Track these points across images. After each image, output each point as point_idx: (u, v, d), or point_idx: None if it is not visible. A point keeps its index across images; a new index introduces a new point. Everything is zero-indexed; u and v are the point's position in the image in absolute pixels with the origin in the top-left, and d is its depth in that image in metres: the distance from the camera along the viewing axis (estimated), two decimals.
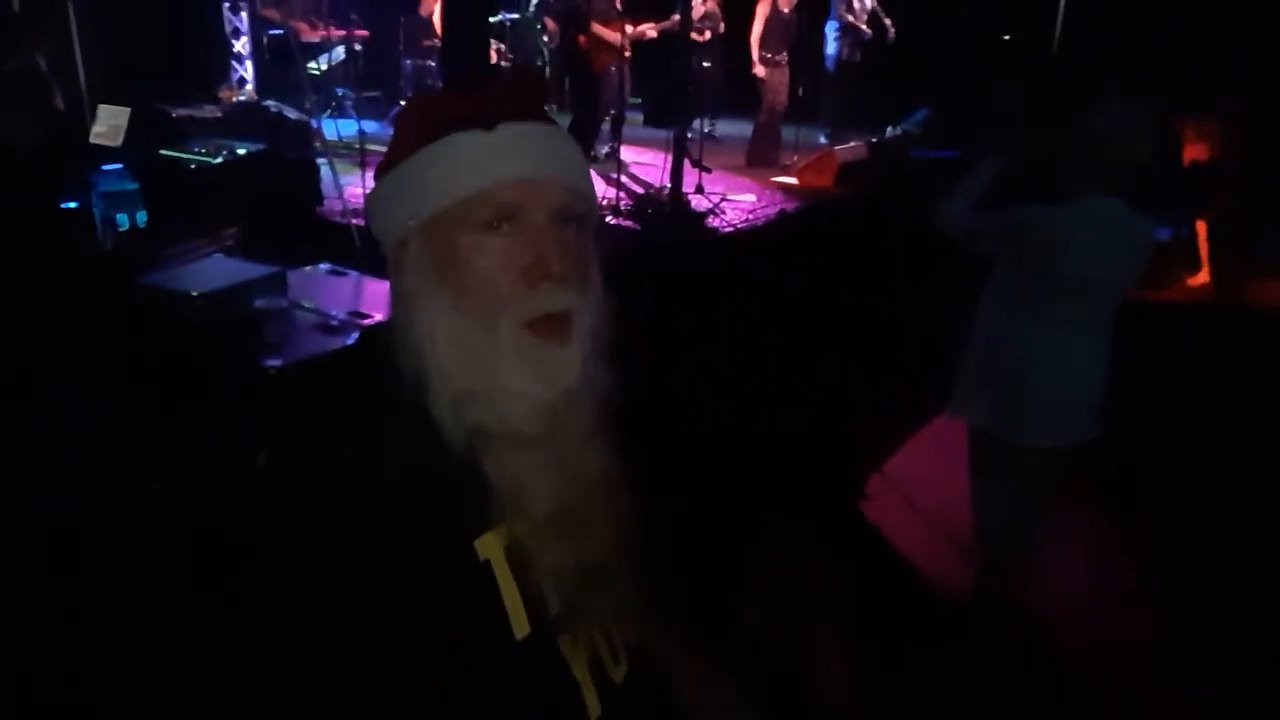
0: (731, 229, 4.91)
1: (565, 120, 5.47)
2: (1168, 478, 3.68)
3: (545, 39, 7.31)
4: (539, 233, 0.81)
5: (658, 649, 1.00)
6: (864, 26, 7.39)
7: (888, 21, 7.46)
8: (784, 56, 7.07)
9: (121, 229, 3.37)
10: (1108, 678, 2.67)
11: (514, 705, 0.80)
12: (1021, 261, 2.45)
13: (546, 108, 0.94)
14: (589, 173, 0.91)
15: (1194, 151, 5.79)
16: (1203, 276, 5.83)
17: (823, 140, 7.78)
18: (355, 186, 4.64)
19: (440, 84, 7.08)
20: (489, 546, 0.81)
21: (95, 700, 1.68)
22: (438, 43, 7.30)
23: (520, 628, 0.81)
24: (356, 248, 3.72)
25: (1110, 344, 2.48)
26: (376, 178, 0.89)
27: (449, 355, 0.80)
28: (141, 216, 3.50)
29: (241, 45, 7.40)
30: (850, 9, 7.32)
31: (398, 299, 0.85)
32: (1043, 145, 2.81)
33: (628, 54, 6.76)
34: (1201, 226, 5.78)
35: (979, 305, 2.64)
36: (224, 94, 6.92)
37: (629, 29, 6.78)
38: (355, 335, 2.49)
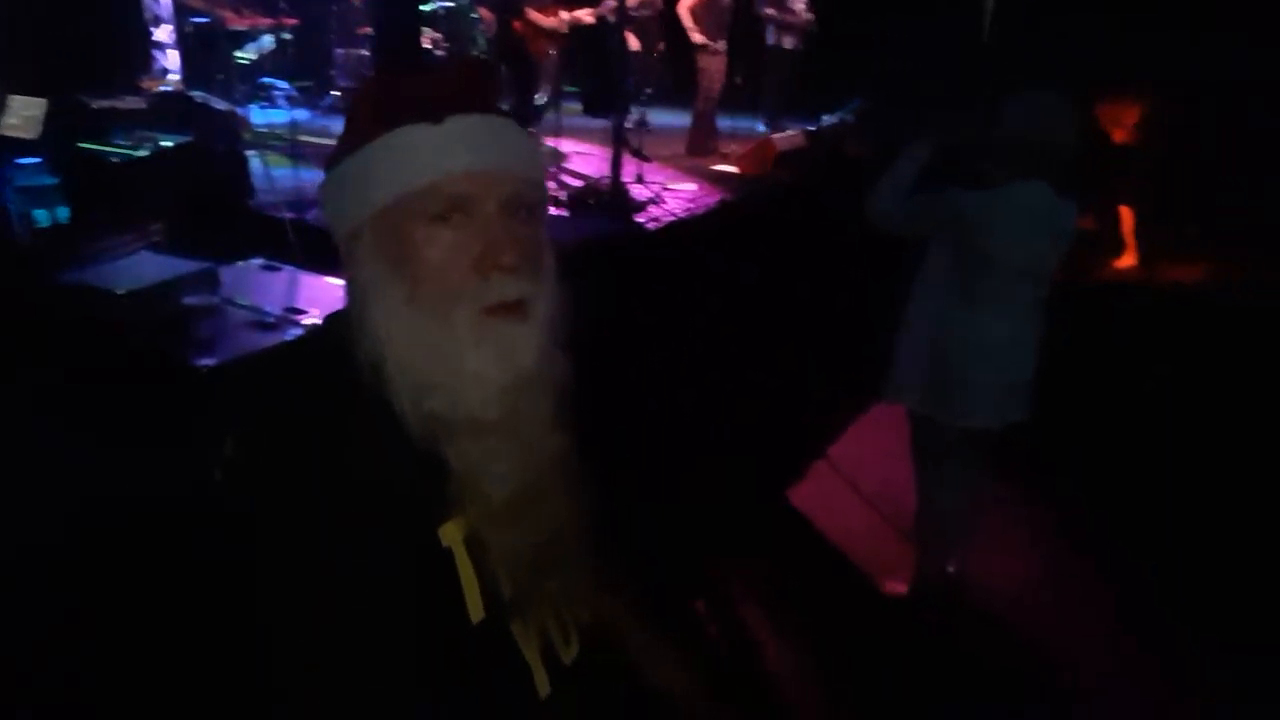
0: (673, 218, 4.91)
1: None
2: (1101, 458, 3.81)
3: (481, 26, 7.21)
4: (490, 223, 0.83)
5: (610, 629, 1.02)
6: (786, 17, 7.46)
7: (809, 16, 7.53)
8: (722, 44, 7.09)
9: (40, 226, 3.23)
10: (1049, 656, 2.75)
11: (468, 687, 0.81)
12: (951, 246, 2.51)
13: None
14: (540, 161, 0.92)
15: (1118, 137, 5.97)
16: (1128, 260, 6.03)
17: (761, 129, 7.83)
18: (288, 179, 4.52)
19: (373, 73, 6.94)
20: (450, 534, 0.82)
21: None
22: (370, 30, 7.15)
23: (476, 613, 0.83)
24: (291, 242, 3.63)
25: (1038, 324, 2.55)
26: (327, 169, 0.89)
27: (405, 346, 0.81)
28: (62, 212, 3.36)
29: (164, 33, 7.14)
30: (773, 2, 7.38)
31: (353, 290, 0.86)
32: (967, 130, 2.87)
33: (564, 41, 6.72)
34: (1125, 211, 5.98)
35: (911, 290, 2.70)
36: (146, 84, 6.67)
37: (564, 15, 6.73)
38: (294, 331, 2.44)
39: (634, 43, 7.09)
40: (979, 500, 2.87)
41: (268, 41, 7.39)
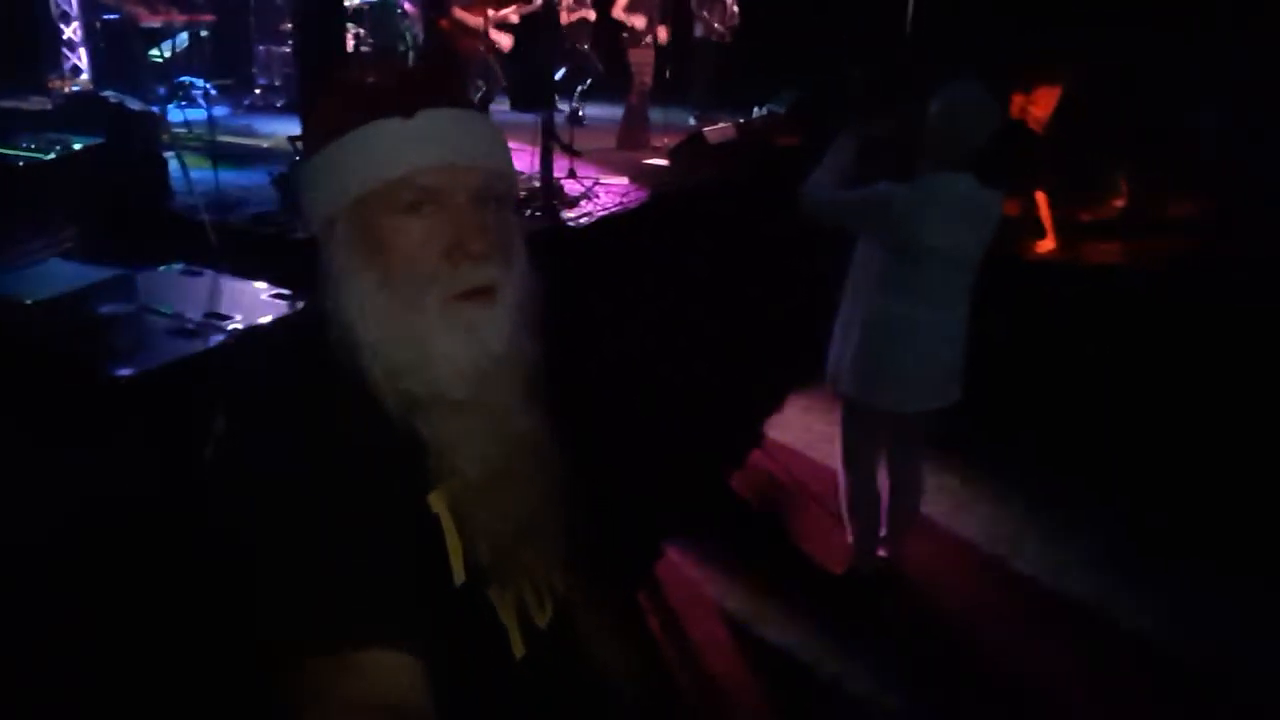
0: (605, 212, 4.92)
1: None
2: (1037, 435, 3.93)
3: (406, 23, 7.10)
4: (459, 214, 0.87)
5: (575, 598, 1.07)
6: (716, 20, 7.53)
7: (735, 9, 7.60)
8: (650, 37, 7.10)
9: None
10: (986, 633, 2.83)
11: (449, 646, 0.84)
12: (880, 237, 2.56)
13: None
14: (508, 153, 0.97)
15: (1033, 125, 6.15)
16: (1048, 244, 6.22)
17: (692, 122, 7.87)
18: (209, 180, 4.39)
19: (294, 71, 6.79)
20: (436, 502, 0.86)
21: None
22: (291, 26, 6.98)
23: (458, 576, 0.87)
24: (212, 245, 3.53)
25: (967, 311, 2.61)
26: (304, 159, 0.93)
27: (379, 330, 0.84)
28: None
29: (72, 31, 6.88)
30: (706, 4, 7.44)
31: (328, 277, 0.89)
32: (888, 124, 2.93)
33: (493, 37, 6.66)
34: (1042, 197, 6.17)
35: (845, 280, 2.74)
36: (54, 84, 6.43)
37: (491, 12, 6.67)
38: (217, 337, 2.38)
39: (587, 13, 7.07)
40: (913, 484, 2.92)
41: (182, 39, 7.16)
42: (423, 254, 0.85)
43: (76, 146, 3.96)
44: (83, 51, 6.92)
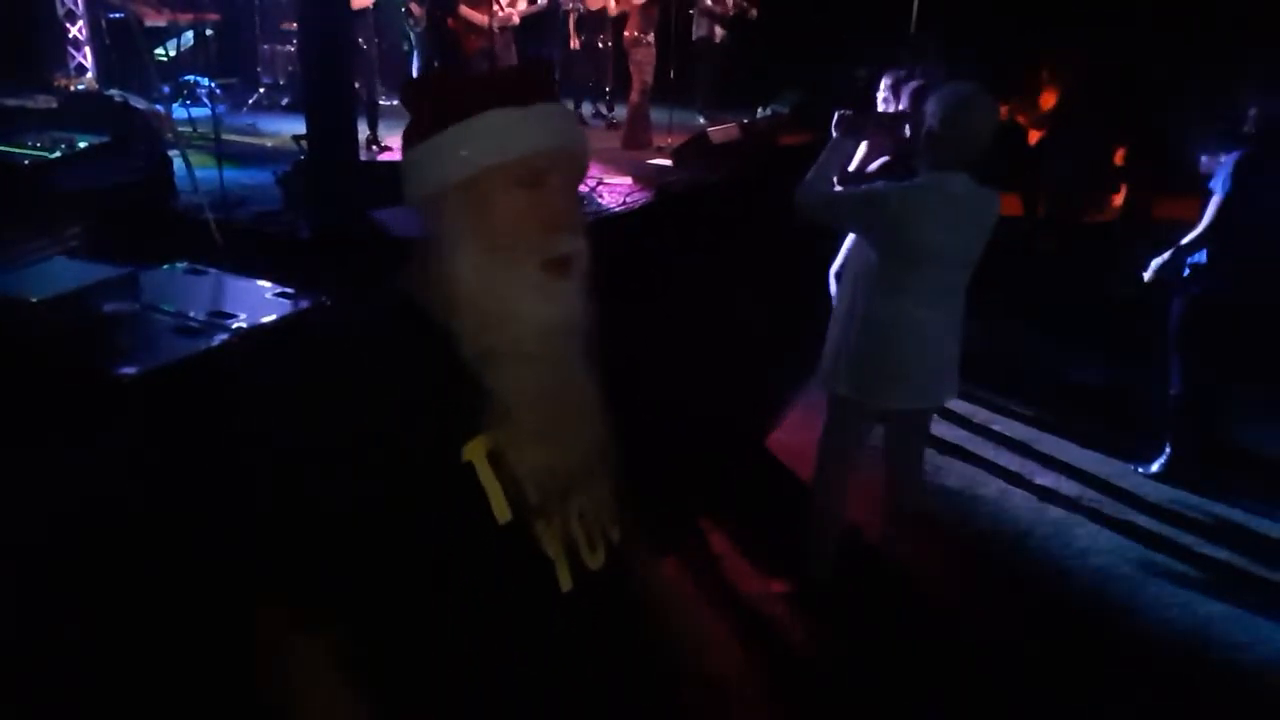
0: (609, 212, 4.93)
1: None
2: (1035, 434, 3.93)
3: (410, 22, 7.11)
4: (557, 191, 1.01)
5: (630, 550, 1.17)
6: (718, 8, 7.54)
7: (747, 2, 7.61)
8: (650, 36, 7.10)
9: None
10: (986, 632, 2.83)
11: (493, 575, 0.99)
12: (878, 236, 2.55)
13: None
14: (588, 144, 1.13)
15: (1032, 126, 6.14)
16: (1048, 239, 6.21)
17: (701, 120, 7.87)
18: (213, 179, 4.40)
19: (299, 70, 6.80)
20: (474, 449, 0.98)
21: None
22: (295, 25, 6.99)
23: (502, 515, 0.99)
24: (217, 244, 3.54)
25: (963, 309, 2.61)
26: (417, 143, 1.05)
27: (477, 287, 0.98)
28: None
29: (78, 29, 6.90)
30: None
31: (432, 241, 1.03)
32: (884, 125, 2.93)
33: (499, 35, 6.68)
34: (1042, 194, 6.16)
35: (841, 280, 2.74)
36: (60, 82, 6.44)
37: (498, 11, 6.69)
38: (221, 336, 2.38)
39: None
40: (914, 482, 2.92)
41: (187, 38, 7.18)
42: (528, 222, 0.99)
43: (81, 145, 3.99)
44: (88, 50, 6.94)
